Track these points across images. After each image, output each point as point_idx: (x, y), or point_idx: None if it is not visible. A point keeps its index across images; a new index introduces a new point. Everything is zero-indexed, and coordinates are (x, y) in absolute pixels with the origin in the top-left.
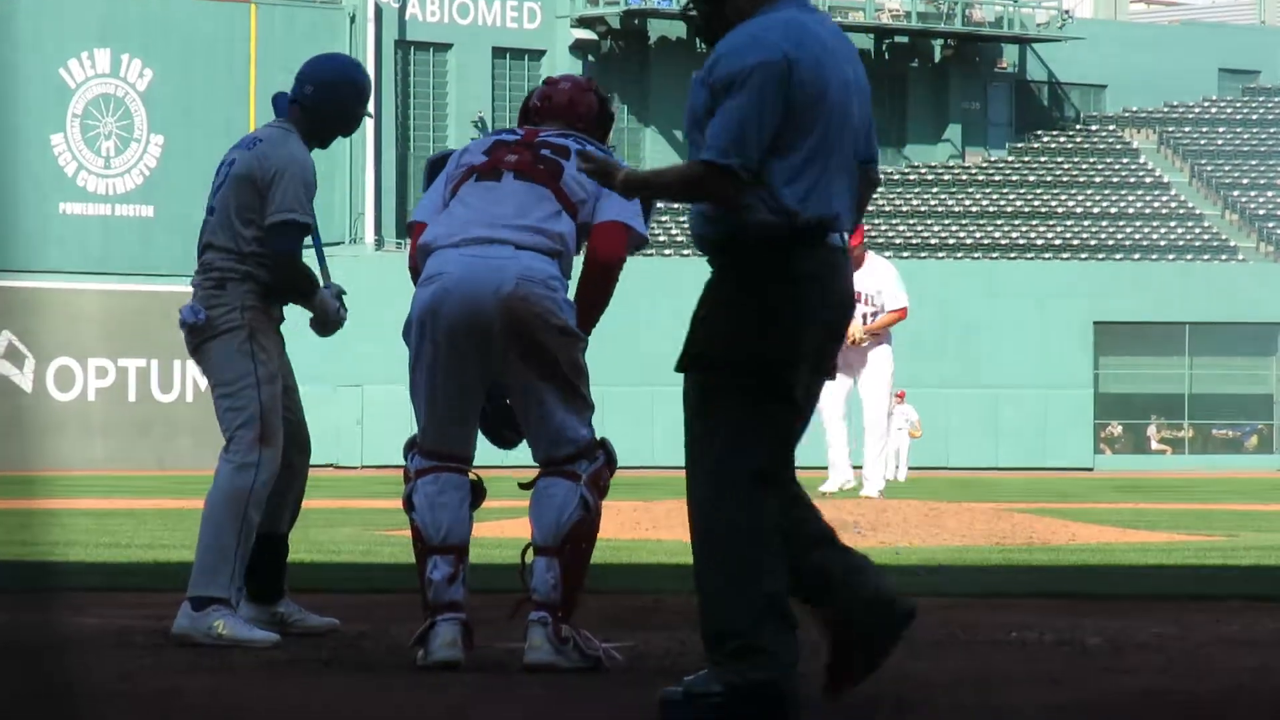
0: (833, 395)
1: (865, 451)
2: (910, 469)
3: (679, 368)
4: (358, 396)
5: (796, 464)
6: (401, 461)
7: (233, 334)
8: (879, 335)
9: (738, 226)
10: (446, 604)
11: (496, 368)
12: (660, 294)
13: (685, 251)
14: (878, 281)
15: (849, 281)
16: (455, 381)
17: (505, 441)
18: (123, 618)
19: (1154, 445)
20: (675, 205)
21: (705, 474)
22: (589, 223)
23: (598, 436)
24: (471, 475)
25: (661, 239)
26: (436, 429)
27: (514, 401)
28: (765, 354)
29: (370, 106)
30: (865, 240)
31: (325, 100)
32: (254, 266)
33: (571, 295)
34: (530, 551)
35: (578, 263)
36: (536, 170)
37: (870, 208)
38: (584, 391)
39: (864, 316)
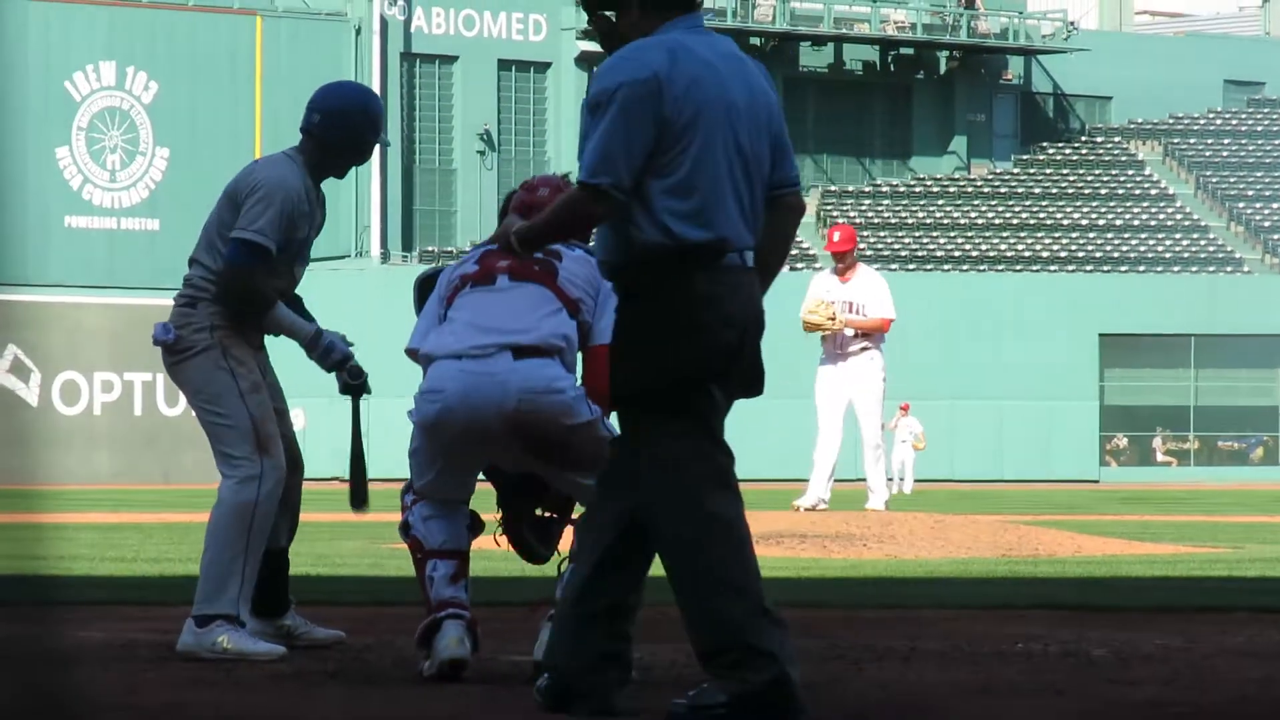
0: (830, 411)
1: (865, 465)
2: (916, 481)
3: (611, 409)
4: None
5: (785, 476)
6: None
7: (206, 353)
8: (868, 345)
9: (628, 250)
10: (449, 600)
11: (502, 455)
12: None
13: None
14: (865, 293)
15: (750, 302)
16: (458, 469)
17: (537, 558)
18: (128, 631)
19: (1159, 457)
20: None
21: (667, 491)
22: (589, 322)
23: None
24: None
25: None
26: (434, 488)
27: (546, 479)
28: (665, 378)
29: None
30: (855, 252)
31: (334, 128)
32: None
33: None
34: (566, 561)
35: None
36: (531, 271)
37: (875, 220)
38: (604, 458)
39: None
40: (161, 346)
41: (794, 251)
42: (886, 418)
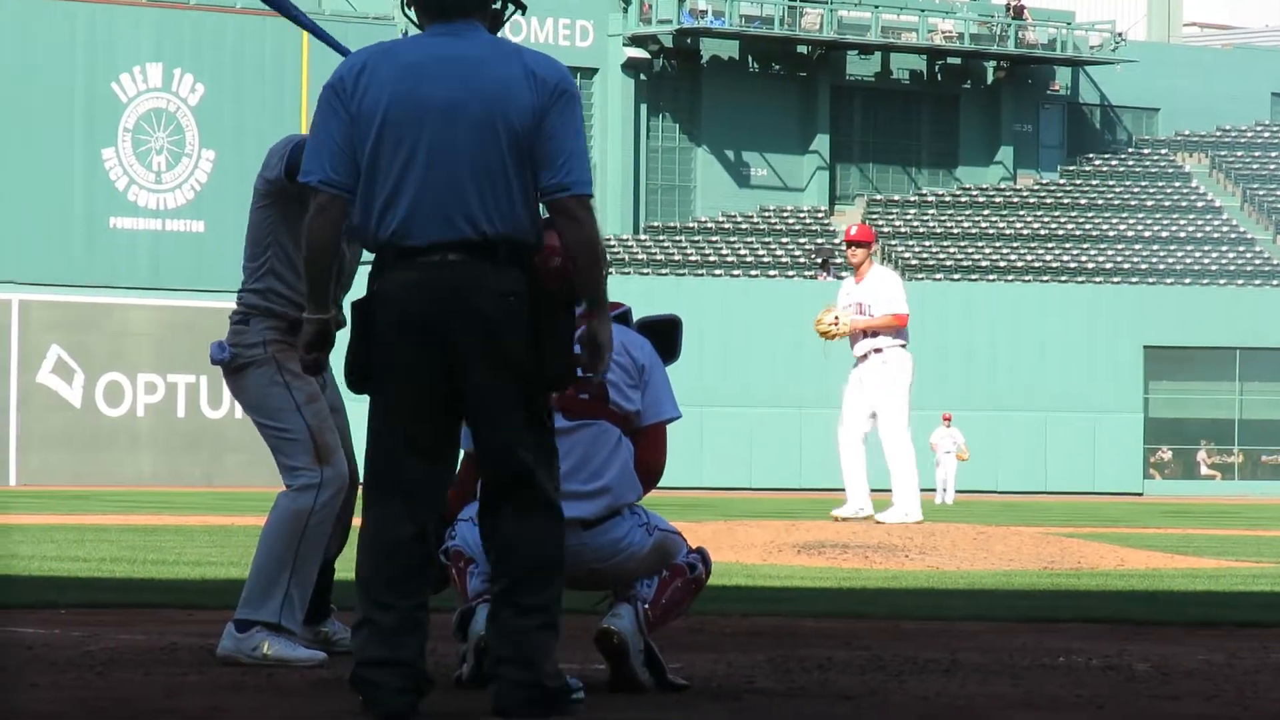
0: (846, 418)
1: (890, 476)
2: (959, 492)
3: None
4: None
5: (819, 486)
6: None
7: (262, 368)
8: (879, 347)
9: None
10: (483, 591)
11: None
12: (710, 320)
13: (736, 272)
14: (874, 292)
15: (439, 299)
16: None
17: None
18: (169, 634)
19: (1203, 470)
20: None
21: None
22: (640, 410)
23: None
24: None
25: (712, 259)
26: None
27: None
28: (347, 366)
29: None
30: (872, 254)
31: None
32: (273, 301)
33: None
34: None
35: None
36: (580, 404)
37: (921, 229)
38: (670, 540)
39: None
40: (219, 365)
41: (838, 260)
42: (927, 429)
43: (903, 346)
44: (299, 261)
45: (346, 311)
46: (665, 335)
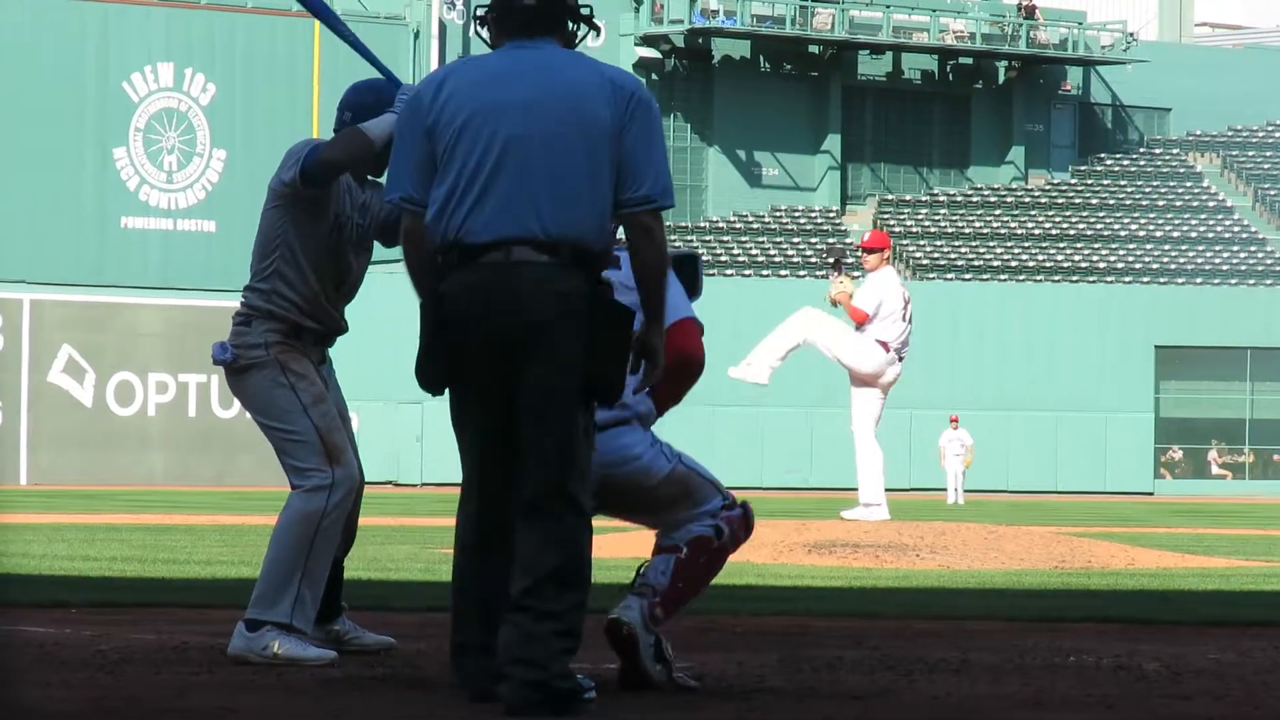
0: (856, 413)
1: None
2: (969, 491)
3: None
4: (418, 414)
5: (829, 485)
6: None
7: (265, 370)
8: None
9: None
10: None
11: None
12: (721, 319)
13: (747, 272)
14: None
15: (499, 301)
16: None
17: None
18: (180, 633)
19: (1214, 470)
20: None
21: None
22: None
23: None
24: None
25: (724, 258)
26: None
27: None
28: (417, 368)
29: None
30: (882, 257)
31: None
32: (275, 304)
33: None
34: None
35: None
36: None
37: (933, 229)
38: (697, 484)
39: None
40: (221, 366)
41: (849, 260)
42: (936, 431)
43: (880, 343)
44: (306, 266)
45: (351, 319)
46: (683, 271)
